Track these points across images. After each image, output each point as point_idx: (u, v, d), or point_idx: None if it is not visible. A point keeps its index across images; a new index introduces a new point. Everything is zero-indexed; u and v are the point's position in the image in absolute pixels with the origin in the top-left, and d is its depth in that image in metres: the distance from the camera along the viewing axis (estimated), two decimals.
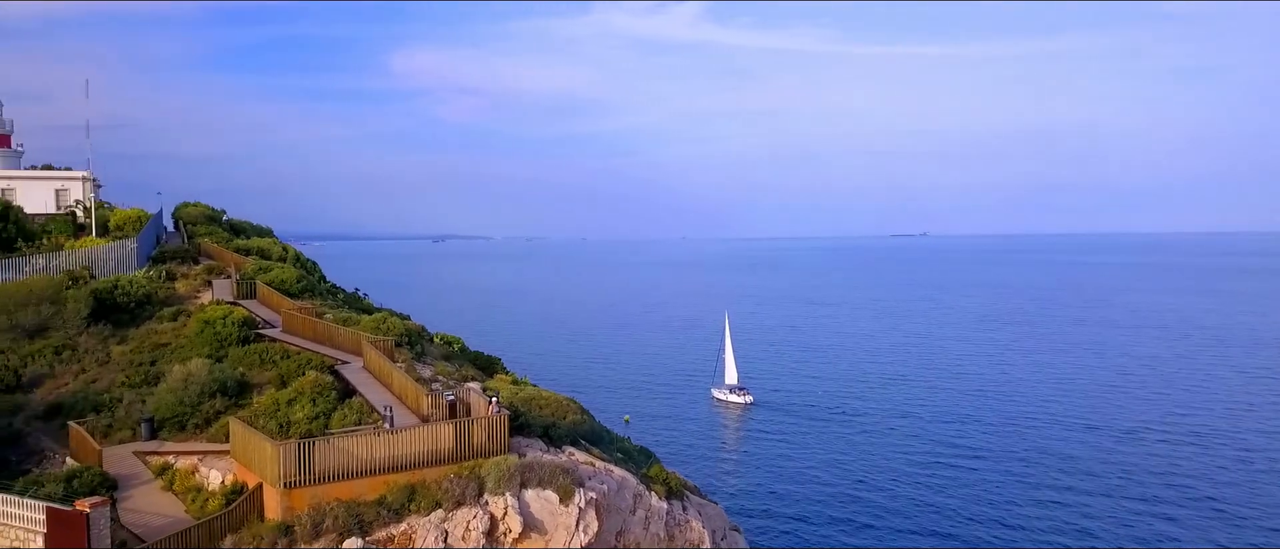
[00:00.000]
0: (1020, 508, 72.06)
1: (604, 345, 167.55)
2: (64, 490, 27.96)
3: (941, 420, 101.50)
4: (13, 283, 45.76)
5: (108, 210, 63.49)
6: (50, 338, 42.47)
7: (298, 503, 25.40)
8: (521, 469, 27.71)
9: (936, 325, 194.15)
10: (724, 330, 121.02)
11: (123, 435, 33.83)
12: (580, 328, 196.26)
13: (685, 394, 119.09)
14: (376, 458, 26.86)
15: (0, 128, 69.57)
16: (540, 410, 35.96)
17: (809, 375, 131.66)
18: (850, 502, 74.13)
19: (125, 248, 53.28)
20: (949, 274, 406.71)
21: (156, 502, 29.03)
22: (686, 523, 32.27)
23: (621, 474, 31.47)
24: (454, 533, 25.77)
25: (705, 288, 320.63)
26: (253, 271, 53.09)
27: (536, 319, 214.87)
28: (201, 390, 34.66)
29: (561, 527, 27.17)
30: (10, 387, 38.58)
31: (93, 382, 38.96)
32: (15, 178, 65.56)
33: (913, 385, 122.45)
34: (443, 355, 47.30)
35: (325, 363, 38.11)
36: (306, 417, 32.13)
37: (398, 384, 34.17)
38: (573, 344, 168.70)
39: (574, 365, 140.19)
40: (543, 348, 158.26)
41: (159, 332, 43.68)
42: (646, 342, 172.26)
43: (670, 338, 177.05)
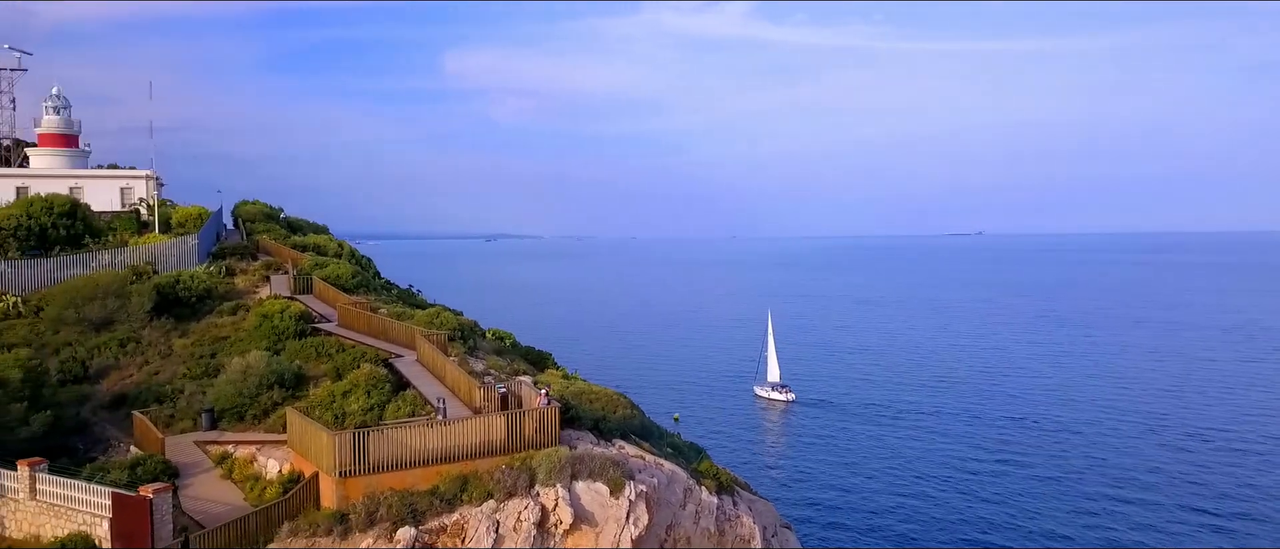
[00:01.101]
0: (1073, 513, 70.52)
1: (652, 343, 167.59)
2: (128, 477, 28.74)
3: (994, 422, 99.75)
4: (80, 278, 47.05)
5: (170, 208, 64.95)
6: (116, 331, 43.61)
7: (353, 492, 25.77)
8: (572, 461, 27.81)
9: (991, 326, 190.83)
10: (767, 328, 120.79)
11: (184, 425, 34.65)
12: (629, 325, 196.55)
13: (730, 392, 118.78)
14: (429, 449, 27.16)
15: (69, 129, 71.52)
16: (590, 404, 36.04)
17: (857, 375, 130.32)
18: (898, 502, 73.23)
19: (187, 244, 54.49)
20: (1005, 273, 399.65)
21: (216, 489, 29.70)
22: (737, 518, 32.12)
23: (671, 468, 31.43)
24: (505, 523, 25.95)
25: (754, 287, 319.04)
26: (309, 268, 54.00)
27: (586, 316, 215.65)
28: (260, 382, 35.36)
29: (612, 519, 27.21)
30: (78, 378, 39.74)
31: (156, 373, 39.95)
32: (83, 177, 67.37)
33: (965, 387, 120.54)
34: (494, 350, 47.69)
35: (380, 356, 38.64)
36: (361, 408, 32.59)
37: (451, 377, 34.50)
38: (621, 341, 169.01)
39: (622, 362, 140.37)
40: (592, 344, 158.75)
41: (219, 325, 44.64)
42: (693, 340, 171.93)
43: (717, 336, 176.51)
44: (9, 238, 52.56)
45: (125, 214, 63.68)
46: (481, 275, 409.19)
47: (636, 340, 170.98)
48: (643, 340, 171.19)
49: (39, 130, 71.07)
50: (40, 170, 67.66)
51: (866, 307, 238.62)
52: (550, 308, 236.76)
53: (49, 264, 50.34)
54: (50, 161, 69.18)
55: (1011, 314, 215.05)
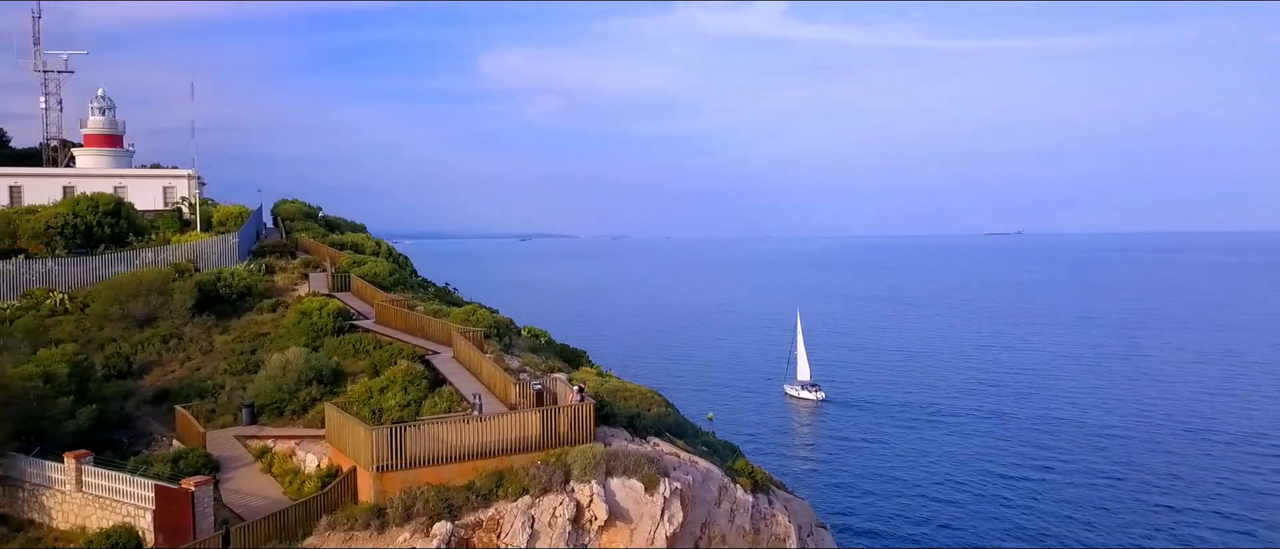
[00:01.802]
0: (1114, 516, 69.42)
1: (684, 342, 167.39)
2: (171, 470, 29.20)
3: (1032, 424, 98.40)
4: (124, 275, 47.89)
5: (211, 207, 65.93)
6: (158, 327, 44.35)
7: (390, 486, 25.98)
8: (607, 457, 27.83)
9: (1030, 327, 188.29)
10: (796, 328, 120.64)
11: (225, 420, 35.16)
12: (662, 325, 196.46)
13: (761, 391, 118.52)
14: (466, 444, 27.30)
15: (113, 129, 72.82)
16: (625, 402, 36.04)
17: (892, 376, 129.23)
18: (934, 503, 72.49)
19: (227, 242, 55.27)
20: (1045, 273, 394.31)
21: (256, 483, 30.08)
22: (772, 517, 31.96)
23: (706, 466, 31.35)
24: (541, 519, 26.02)
25: (787, 286, 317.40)
26: (347, 266, 54.54)
27: (620, 316, 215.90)
28: (298, 378, 35.78)
29: (647, 515, 27.20)
30: (122, 373, 40.46)
31: (197, 369, 40.57)
32: (127, 176, 68.57)
33: (1002, 388, 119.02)
34: (529, 348, 47.86)
35: (416, 353, 38.95)
36: (398, 404, 32.87)
37: (486, 374, 34.67)
38: (654, 340, 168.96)
39: (656, 361, 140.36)
40: (626, 343, 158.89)
41: (259, 322, 45.23)
42: (726, 339, 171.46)
43: (749, 336, 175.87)
44: (56, 236, 53.63)
45: (168, 213, 64.72)
46: (516, 274, 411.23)
47: (669, 339, 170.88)
48: (676, 339, 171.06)
49: (85, 131, 72.44)
50: (86, 170, 68.97)
51: (902, 307, 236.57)
52: (584, 307, 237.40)
53: (94, 262, 51.31)
54: (96, 161, 70.50)
55: (1051, 314, 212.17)
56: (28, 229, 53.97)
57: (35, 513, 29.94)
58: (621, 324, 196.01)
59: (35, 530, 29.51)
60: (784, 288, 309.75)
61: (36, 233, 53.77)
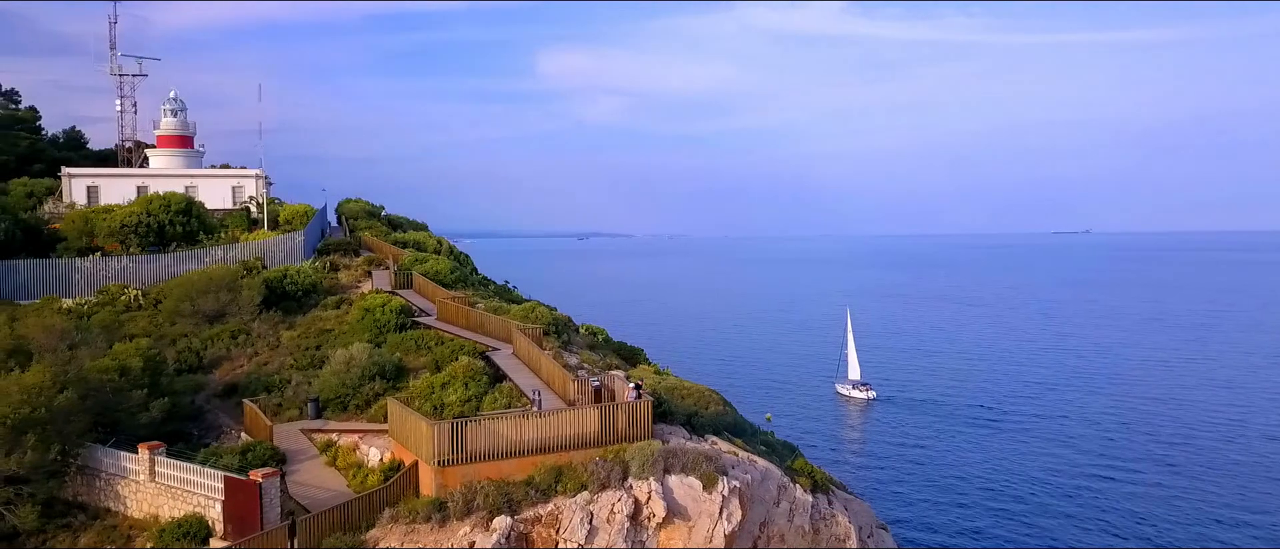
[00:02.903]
0: (1178, 520, 67.42)
1: (742, 341, 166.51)
2: (239, 462, 29.92)
3: (1098, 426, 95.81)
4: (195, 272, 49.24)
5: (278, 206, 67.43)
6: (227, 323, 45.47)
7: (451, 481, 26.29)
8: (665, 455, 27.82)
9: (1097, 328, 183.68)
10: (846, 326, 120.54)
11: (291, 414, 35.91)
12: (719, 323, 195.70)
13: (816, 390, 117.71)
14: (525, 440, 27.52)
15: (185, 130, 74.92)
16: (682, 400, 36.03)
17: (951, 376, 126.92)
18: (995, 505, 71.02)
19: (293, 241, 56.47)
20: (1113, 273, 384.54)
21: (321, 476, 30.67)
22: (832, 517, 31.67)
23: (765, 465, 31.17)
24: (599, 515, 26.10)
25: (847, 285, 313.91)
26: (409, 263, 55.36)
27: (677, 314, 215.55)
28: (362, 373, 36.41)
29: (705, 513, 27.12)
30: (193, 367, 41.60)
31: (264, 364, 41.50)
32: (197, 176, 70.51)
33: (1067, 390, 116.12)
34: (587, 345, 48.09)
35: (477, 349, 39.38)
36: (459, 399, 33.25)
37: (545, 370, 34.92)
38: (711, 339, 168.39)
39: (713, 360, 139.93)
40: (683, 342, 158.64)
41: (324, 318, 46.11)
42: (784, 339, 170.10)
43: (806, 335, 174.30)
44: (130, 234, 55.33)
45: (236, 211, 66.35)
46: (575, 272, 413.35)
47: (726, 338, 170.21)
48: (732, 338, 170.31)
49: (158, 132, 74.62)
50: (159, 170, 71.05)
51: (962, 307, 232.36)
52: (641, 305, 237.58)
53: (166, 259, 52.84)
54: (168, 162, 72.58)
55: (1119, 315, 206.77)
56: (104, 228, 55.77)
57: (111, 501, 30.90)
58: (678, 322, 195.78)
59: (111, 518, 30.46)
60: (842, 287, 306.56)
61: (112, 231, 55.55)
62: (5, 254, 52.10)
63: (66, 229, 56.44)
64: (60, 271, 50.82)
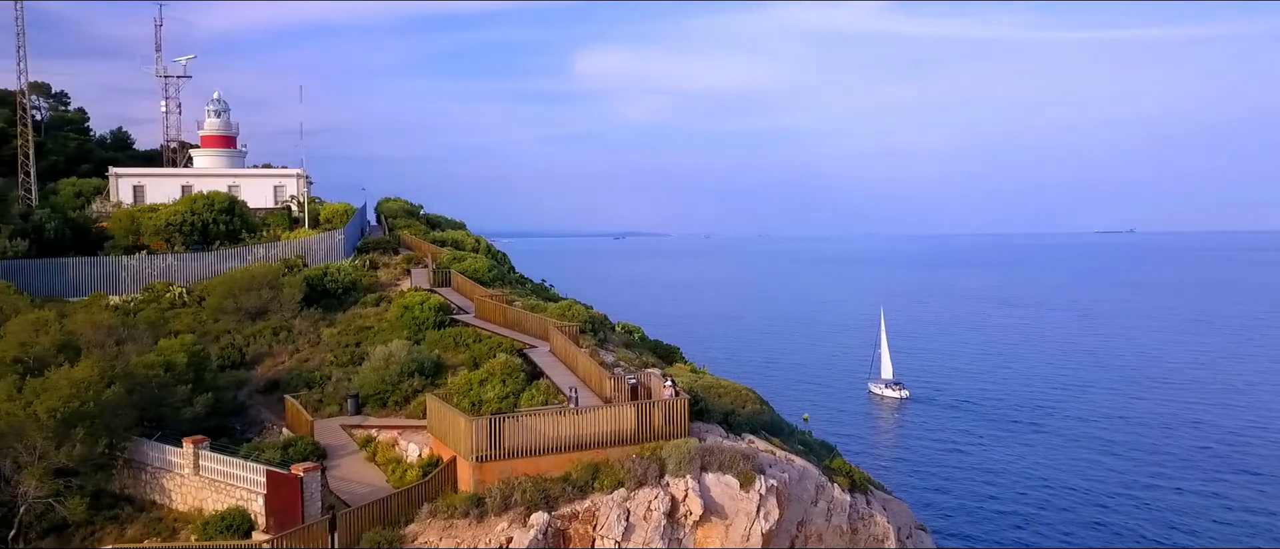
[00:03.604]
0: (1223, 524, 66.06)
1: (778, 341, 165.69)
2: (281, 457, 30.29)
3: (1141, 431, 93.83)
4: (238, 270, 49.97)
5: (318, 205, 68.25)
6: (269, 320, 46.10)
7: (488, 476, 26.45)
8: (702, 453, 27.77)
9: (1140, 329, 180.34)
10: (880, 325, 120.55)
11: (331, 410, 36.32)
12: (755, 323, 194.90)
13: (850, 390, 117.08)
14: (562, 436, 27.61)
15: (228, 131, 76.08)
16: (719, 398, 35.95)
17: (986, 376, 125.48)
18: (1034, 507, 69.98)
19: (334, 239, 57.13)
20: (1158, 273, 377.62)
21: (360, 471, 30.99)
22: (871, 517, 31.44)
23: (803, 464, 31.01)
24: (636, 512, 26.11)
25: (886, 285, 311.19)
26: (448, 262, 55.79)
27: (712, 314, 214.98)
28: (401, 370, 36.73)
29: (742, 512, 27.03)
30: (236, 363, 42.23)
31: (305, 360, 42.03)
32: (240, 175, 71.55)
33: (1108, 392, 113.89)
34: (624, 343, 48.15)
35: (514, 347, 39.59)
36: (497, 396, 33.44)
37: (582, 368, 35.02)
38: (748, 338, 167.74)
39: (749, 360, 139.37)
40: (718, 341, 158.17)
41: (363, 316, 46.62)
42: (821, 339, 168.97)
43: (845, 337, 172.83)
44: (175, 233, 56.28)
45: (278, 210, 67.24)
46: (610, 272, 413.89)
47: (762, 338, 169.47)
48: (768, 338, 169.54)
49: (201, 132, 75.85)
50: (202, 170, 72.21)
51: (1002, 307, 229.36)
52: (677, 304, 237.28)
53: (210, 257, 53.70)
54: (211, 161, 73.75)
55: (1163, 316, 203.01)
56: (150, 226, 56.78)
57: (156, 494, 31.45)
58: (713, 322, 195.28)
59: (156, 511, 30.99)
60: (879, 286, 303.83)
61: (157, 230, 56.54)
62: (55, 252, 53.25)
63: (114, 228, 57.53)
64: (108, 269, 51.83)
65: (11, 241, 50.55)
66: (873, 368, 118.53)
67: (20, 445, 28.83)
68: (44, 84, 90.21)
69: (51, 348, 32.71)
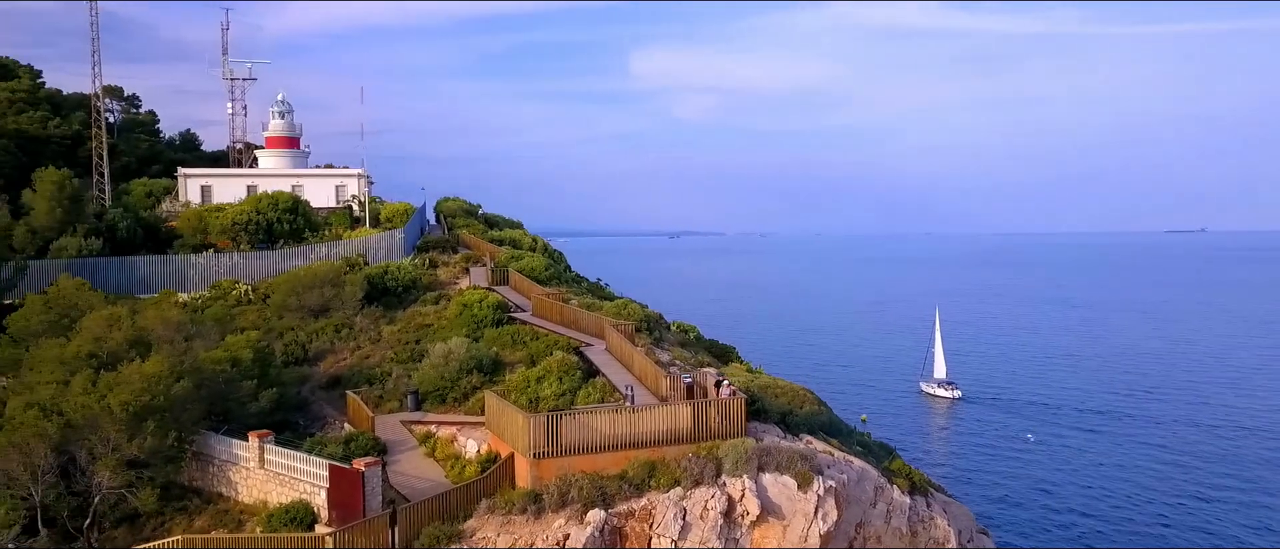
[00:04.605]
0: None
1: (834, 341, 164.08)
2: (343, 452, 30.85)
3: (1210, 435, 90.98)
4: (301, 268, 50.93)
5: (379, 204, 69.25)
6: (331, 317, 46.93)
7: (545, 473, 26.60)
8: (759, 453, 27.60)
9: (1210, 331, 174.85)
10: (934, 325, 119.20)
11: (391, 406, 36.84)
12: (811, 323, 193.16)
13: (902, 389, 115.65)
14: (618, 434, 27.65)
15: (291, 132, 77.60)
16: (776, 398, 35.68)
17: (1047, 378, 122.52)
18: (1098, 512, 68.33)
19: (394, 238, 57.94)
20: (1230, 274, 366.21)
21: (420, 466, 31.39)
22: (931, 520, 30.95)
23: (861, 465, 30.66)
24: (692, 511, 26.04)
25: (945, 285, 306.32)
26: (505, 260, 56.27)
27: (768, 313, 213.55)
28: (460, 367, 37.14)
29: (800, 513, 26.81)
30: (299, 359, 43.06)
31: (366, 357, 42.68)
32: (303, 175, 72.90)
33: (1175, 396, 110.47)
34: (679, 342, 48.09)
35: (571, 345, 39.75)
36: (554, 393, 33.63)
37: (638, 366, 35.03)
38: (804, 338, 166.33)
39: (805, 360, 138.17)
40: (774, 341, 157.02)
41: (423, 313, 47.21)
42: (876, 339, 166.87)
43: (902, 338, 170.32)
44: (241, 232, 57.57)
45: (339, 210, 68.39)
46: (665, 271, 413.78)
47: (818, 338, 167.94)
48: (824, 338, 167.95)
49: (266, 133, 77.46)
50: (267, 170, 73.73)
51: (1064, 308, 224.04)
52: (732, 303, 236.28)
53: (274, 256, 54.82)
54: (275, 162, 75.26)
55: (1234, 318, 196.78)
56: (216, 225, 58.18)
57: (223, 487, 32.23)
58: (769, 321, 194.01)
59: (223, 503, 31.79)
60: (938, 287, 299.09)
61: (224, 229, 57.91)
62: (127, 250, 54.84)
63: (182, 227, 59.03)
64: (176, 267, 53.23)
65: (86, 240, 52.17)
66: (926, 367, 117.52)
67: (95, 437, 29.77)
68: (117, 87, 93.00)
69: (124, 343, 33.67)
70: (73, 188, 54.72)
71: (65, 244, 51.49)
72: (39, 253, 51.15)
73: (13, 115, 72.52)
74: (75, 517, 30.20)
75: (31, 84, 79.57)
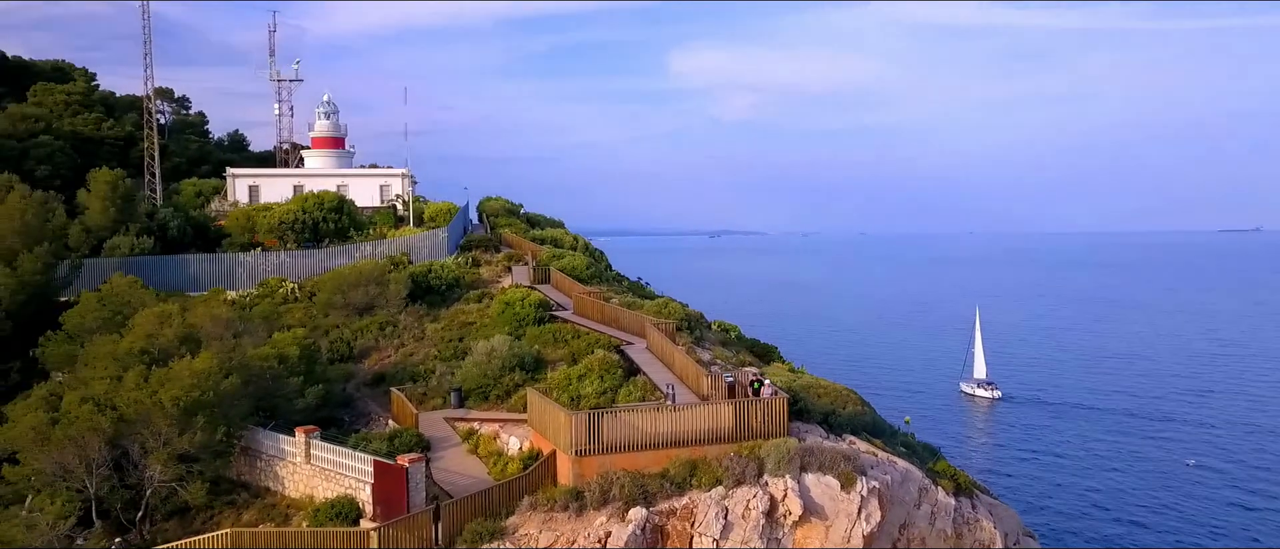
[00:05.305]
0: None
1: (877, 341, 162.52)
2: (387, 448, 31.16)
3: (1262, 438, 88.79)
4: (346, 267, 51.58)
5: (422, 204, 69.91)
6: (376, 315, 47.45)
7: (587, 471, 26.66)
8: (802, 452, 27.44)
9: (1263, 333, 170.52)
10: (974, 325, 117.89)
11: (435, 403, 37.16)
12: (853, 323, 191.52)
13: (942, 390, 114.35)
14: (660, 433, 27.63)
15: (337, 132, 78.59)
16: (819, 398, 35.44)
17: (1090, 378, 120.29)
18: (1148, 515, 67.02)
19: (437, 237, 58.45)
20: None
21: (463, 463, 31.63)
22: (976, 522, 30.57)
23: (905, 466, 30.37)
24: (734, 511, 25.96)
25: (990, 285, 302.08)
26: (547, 259, 56.52)
27: (810, 313, 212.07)
28: (502, 365, 37.38)
29: (843, 513, 26.61)
30: (344, 357, 43.58)
31: (410, 355, 43.11)
32: (348, 175, 73.84)
33: (1226, 399, 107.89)
34: (720, 341, 47.95)
35: (612, 343, 39.82)
36: (595, 391, 33.71)
37: (679, 365, 34.99)
38: (846, 339, 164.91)
39: (847, 361, 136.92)
40: (816, 341, 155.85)
41: (466, 312, 47.57)
42: (920, 340, 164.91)
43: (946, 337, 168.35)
44: (288, 231, 58.41)
45: (383, 209, 69.14)
46: (706, 270, 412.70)
47: (860, 338, 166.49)
48: (867, 338, 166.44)
49: (312, 134, 78.55)
50: (313, 170, 74.76)
51: (1111, 308, 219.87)
52: (774, 303, 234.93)
53: (320, 254, 55.57)
54: (321, 162, 76.28)
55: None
56: (264, 224, 59.09)
57: (270, 481, 32.73)
58: (811, 321, 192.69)
59: (270, 497, 32.29)
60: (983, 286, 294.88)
61: (271, 227, 58.80)
62: (178, 249, 55.91)
63: (231, 226, 60.05)
64: (225, 266, 54.17)
65: (138, 239, 53.27)
66: (966, 367, 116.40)
67: (147, 432, 30.39)
68: (167, 89, 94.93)
69: (174, 340, 34.33)
70: (125, 188, 55.88)
71: (118, 243, 52.62)
72: (93, 251, 52.32)
73: (68, 117, 74.27)
74: (128, 509, 30.88)
75: (86, 87, 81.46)
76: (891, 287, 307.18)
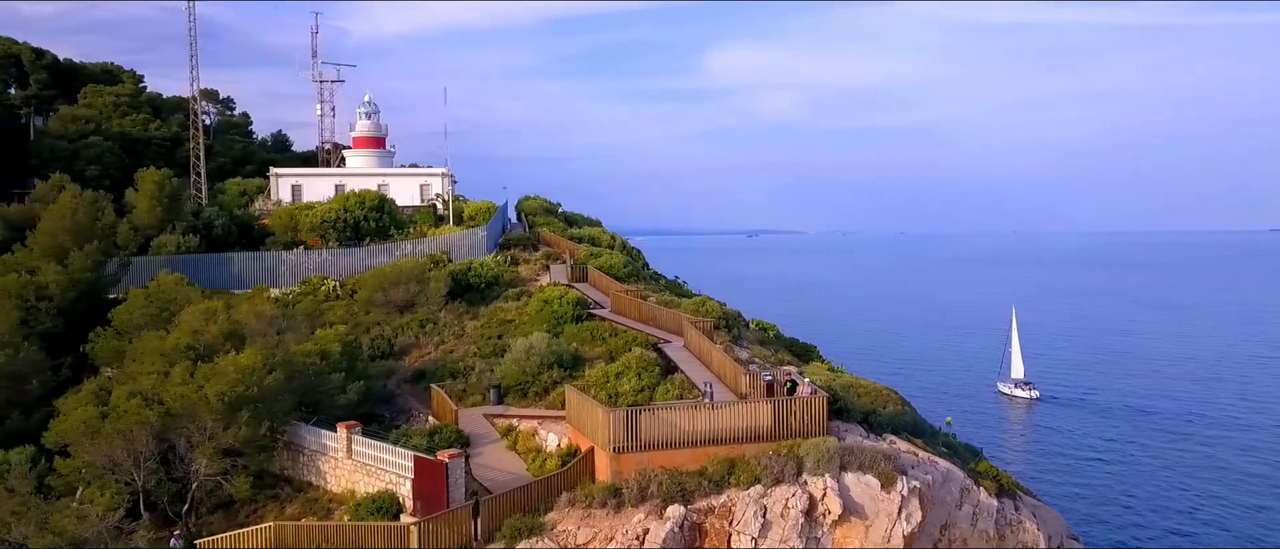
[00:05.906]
0: None
1: (917, 341, 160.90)
2: (427, 443, 31.44)
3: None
4: (387, 265, 52.11)
5: (462, 203, 70.36)
6: (416, 313, 47.88)
7: (625, 468, 26.69)
8: (841, 452, 27.24)
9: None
10: (1011, 324, 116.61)
11: (474, 399, 37.43)
12: (893, 323, 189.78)
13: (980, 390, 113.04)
14: (697, 430, 27.58)
15: (378, 132, 79.36)
16: (858, 398, 35.14)
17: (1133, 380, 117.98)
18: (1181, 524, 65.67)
19: (477, 236, 58.83)
20: None
21: (502, 459, 31.82)
22: (1019, 524, 30.14)
23: (946, 466, 30.02)
24: (773, 509, 25.84)
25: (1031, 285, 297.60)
26: (585, 258, 56.64)
27: (849, 313, 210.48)
28: (541, 362, 37.56)
29: (883, 513, 26.39)
30: (385, 353, 44.04)
31: (450, 352, 43.45)
32: (389, 175, 74.49)
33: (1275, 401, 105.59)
34: (758, 340, 47.76)
35: (649, 341, 39.82)
36: (633, 389, 33.75)
37: (717, 363, 34.89)
38: (886, 339, 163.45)
39: (887, 360, 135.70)
40: (855, 341, 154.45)
41: (505, 309, 47.84)
42: (960, 340, 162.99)
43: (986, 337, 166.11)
44: (329, 229, 59.09)
45: (423, 208, 69.69)
46: (744, 269, 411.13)
47: (901, 339, 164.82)
48: (907, 340, 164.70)
49: (353, 134, 79.38)
50: (354, 169, 75.55)
51: (1154, 309, 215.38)
52: (813, 303, 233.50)
53: (361, 252, 56.16)
54: (362, 161, 77.05)
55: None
56: (306, 223, 59.83)
57: (313, 476, 33.16)
58: (850, 320, 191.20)
59: (312, 491, 32.74)
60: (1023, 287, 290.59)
61: (313, 226, 59.51)
62: (222, 247, 56.82)
63: (274, 225, 60.86)
64: (268, 264, 54.96)
65: (184, 237, 54.21)
66: (1003, 367, 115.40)
67: (192, 426, 30.92)
68: (212, 90, 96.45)
69: (219, 336, 34.90)
70: (172, 187, 56.90)
71: (165, 241, 53.59)
72: (140, 249, 53.34)
73: (117, 118, 75.76)
74: (174, 502, 31.44)
75: (134, 88, 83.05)
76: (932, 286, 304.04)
